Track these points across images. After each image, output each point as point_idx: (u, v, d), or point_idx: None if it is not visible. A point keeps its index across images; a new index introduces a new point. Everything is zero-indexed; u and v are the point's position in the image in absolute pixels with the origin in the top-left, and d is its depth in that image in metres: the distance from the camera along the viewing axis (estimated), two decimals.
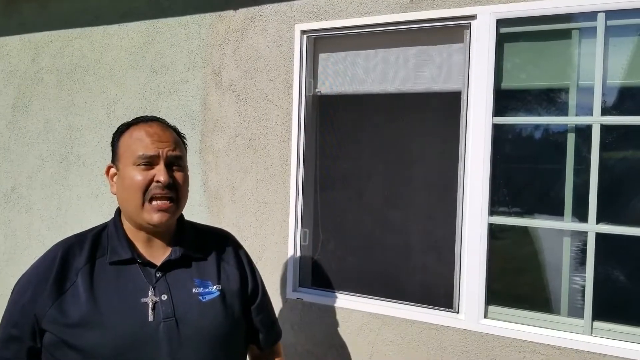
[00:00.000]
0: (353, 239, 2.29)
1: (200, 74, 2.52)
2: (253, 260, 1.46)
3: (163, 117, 2.56)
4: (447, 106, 2.09)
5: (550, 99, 1.97)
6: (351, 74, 2.28)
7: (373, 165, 2.25)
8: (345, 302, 2.19)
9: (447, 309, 2.02)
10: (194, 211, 2.51)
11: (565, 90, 1.93)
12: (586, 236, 1.86)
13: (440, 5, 2.03)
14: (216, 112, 2.48)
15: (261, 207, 2.37)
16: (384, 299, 2.14)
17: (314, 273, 2.35)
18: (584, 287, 1.87)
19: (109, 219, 1.31)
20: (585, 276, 1.86)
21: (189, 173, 1.32)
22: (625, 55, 1.84)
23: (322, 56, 2.33)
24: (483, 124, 1.96)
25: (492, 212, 1.97)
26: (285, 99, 2.32)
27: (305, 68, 2.28)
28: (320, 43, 2.33)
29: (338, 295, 2.22)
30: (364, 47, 2.25)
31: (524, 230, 2.00)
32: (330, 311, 2.22)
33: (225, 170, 2.46)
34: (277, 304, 2.32)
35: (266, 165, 2.36)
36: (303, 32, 2.28)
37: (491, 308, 1.99)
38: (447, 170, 2.08)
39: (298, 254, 2.29)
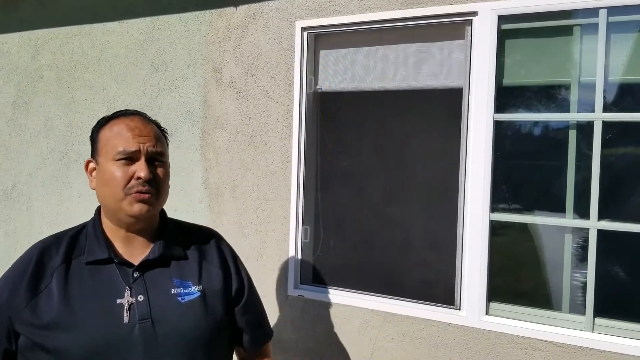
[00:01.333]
0: (354, 236, 2.29)
1: (201, 71, 2.51)
2: (240, 258, 1.40)
3: (164, 115, 2.55)
4: (448, 103, 2.09)
5: (552, 95, 1.96)
6: (352, 71, 2.27)
7: (374, 162, 2.25)
8: (347, 299, 2.19)
9: (449, 306, 2.03)
10: (195, 208, 2.51)
11: (567, 87, 1.93)
12: (587, 233, 1.86)
13: (442, 1, 2.02)
14: (217, 109, 2.48)
15: (262, 204, 2.37)
16: (386, 296, 2.14)
17: (315, 270, 2.36)
18: (585, 283, 1.87)
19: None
20: (586, 273, 1.86)
21: (190, 170, 1.29)
22: (627, 51, 1.83)
23: (322, 53, 2.32)
24: (484, 121, 1.96)
25: (493, 209, 1.97)
26: (286, 96, 2.31)
27: (306, 65, 2.28)
28: (321, 40, 2.32)
29: (339, 292, 2.23)
30: (365, 44, 2.24)
31: (525, 227, 2.00)
32: (332, 308, 2.22)
33: (226, 168, 2.46)
34: (278, 301, 2.32)
35: (267, 162, 2.36)
36: (304, 28, 2.27)
37: (492, 305, 1.99)
38: (448, 167, 2.08)
39: (299, 251, 2.29)
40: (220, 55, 2.47)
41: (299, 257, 2.30)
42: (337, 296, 2.21)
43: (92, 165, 1.23)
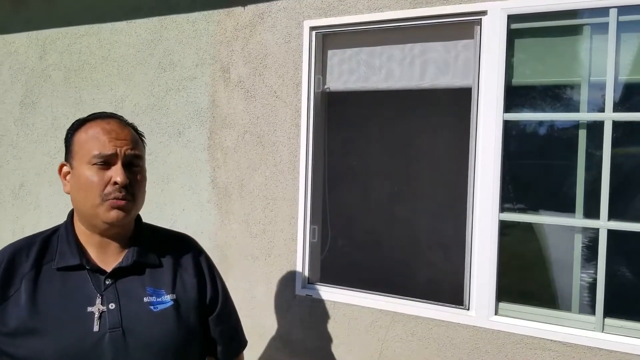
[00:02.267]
0: (362, 236, 2.29)
1: (209, 71, 2.52)
2: (216, 267, 1.37)
3: (172, 114, 2.56)
4: (457, 102, 2.08)
5: (561, 95, 1.96)
6: (360, 71, 2.27)
7: (382, 162, 2.25)
8: (355, 298, 2.19)
9: (458, 306, 2.02)
10: (203, 208, 2.52)
11: (576, 87, 1.92)
12: (597, 233, 1.85)
13: (451, 1, 2.02)
14: (225, 108, 2.48)
15: (270, 204, 2.37)
16: (394, 295, 2.14)
17: (323, 270, 2.35)
18: (595, 283, 1.86)
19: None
20: (596, 273, 1.85)
21: (198, 170, 1.26)
22: (637, 51, 1.83)
23: (331, 52, 2.32)
24: (494, 120, 1.95)
25: (502, 209, 1.97)
26: (294, 96, 2.31)
27: (314, 64, 2.28)
28: (329, 39, 2.32)
29: (347, 292, 2.22)
30: (374, 44, 2.24)
31: (535, 227, 2.00)
32: (340, 308, 2.22)
33: (233, 167, 2.46)
34: (286, 301, 2.33)
35: (275, 161, 2.36)
36: (312, 28, 2.27)
37: (502, 305, 1.98)
38: (457, 167, 2.07)
39: (307, 251, 2.29)
40: (228, 55, 2.47)
41: (307, 256, 2.30)
42: (345, 296, 2.21)
43: (65, 168, 1.20)
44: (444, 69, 2.12)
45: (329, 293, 2.25)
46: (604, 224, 1.84)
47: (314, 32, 2.28)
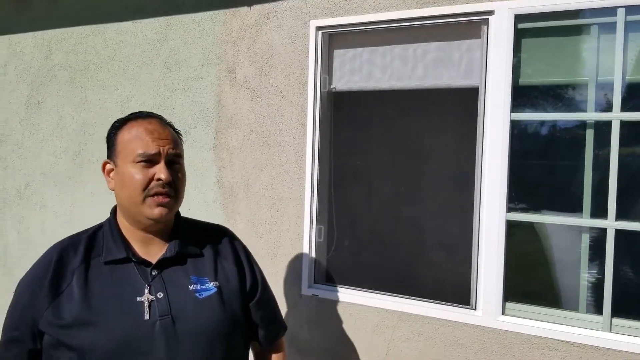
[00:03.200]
0: (368, 235, 2.29)
1: (215, 71, 2.52)
2: (253, 255, 1.43)
3: (177, 114, 2.56)
4: (464, 102, 2.08)
5: (568, 94, 1.96)
6: (366, 70, 2.27)
7: (388, 162, 2.25)
8: (361, 298, 2.19)
9: (464, 306, 2.02)
10: (209, 208, 2.52)
11: (584, 86, 1.92)
12: (605, 232, 1.85)
13: (458, 0, 2.02)
14: (230, 108, 2.48)
15: (276, 204, 2.37)
16: (400, 295, 2.14)
17: (329, 269, 2.36)
18: (602, 283, 1.86)
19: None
20: (603, 272, 1.85)
21: (204, 170, 1.31)
22: None
23: (337, 52, 2.32)
24: (501, 120, 1.95)
25: (509, 209, 1.97)
26: (300, 96, 2.31)
27: (320, 64, 2.28)
28: (335, 39, 2.32)
29: (354, 291, 2.23)
30: (380, 43, 2.24)
31: (542, 226, 2.00)
32: (346, 307, 2.22)
33: (239, 167, 2.46)
34: (292, 301, 2.33)
35: (281, 161, 2.36)
36: (318, 28, 2.27)
37: (509, 305, 1.98)
38: (464, 167, 2.07)
39: (313, 251, 2.30)
40: (234, 55, 2.47)
41: (313, 256, 2.30)
42: (352, 295, 2.21)
43: (109, 166, 1.25)
44: (451, 68, 2.12)
45: (335, 293, 2.25)
46: (611, 223, 1.84)
47: (320, 32, 2.28)
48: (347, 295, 2.22)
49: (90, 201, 2.85)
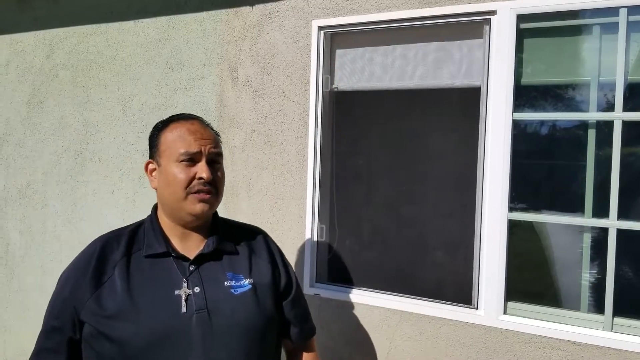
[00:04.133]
0: (370, 235, 2.29)
1: (217, 71, 2.52)
2: (285, 256, 1.47)
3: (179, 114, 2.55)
4: (466, 102, 2.08)
5: (570, 94, 1.96)
6: (368, 70, 2.27)
7: (390, 162, 2.25)
8: (363, 297, 2.20)
9: (466, 305, 2.03)
10: None
11: (586, 86, 1.93)
12: (607, 232, 1.85)
13: (460, 0, 2.02)
14: (232, 108, 2.49)
15: (278, 203, 2.38)
16: (402, 294, 2.14)
17: (331, 269, 2.36)
18: (604, 283, 1.86)
19: (124, 215, 1.35)
20: (605, 272, 1.85)
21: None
22: None
23: (339, 52, 2.33)
24: (503, 120, 1.96)
25: (511, 209, 1.97)
26: (302, 95, 2.32)
27: (322, 64, 2.28)
28: (338, 39, 2.32)
29: (356, 291, 2.23)
30: (382, 43, 2.24)
31: (543, 226, 2.00)
32: (348, 307, 2.23)
33: (241, 166, 2.47)
34: None
35: (283, 161, 2.36)
36: (320, 28, 2.28)
37: (510, 304, 1.99)
38: (466, 167, 2.08)
39: (315, 250, 2.30)
40: (236, 55, 2.47)
41: (315, 255, 2.30)
42: (354, 295, 2.22)
43: (151, 166, 1.31)
44: (453, 68, 2.12)
45: (337, 292, 2.26)
46: (613, 223, 1.84)
47: (322, 32, 2.28)
48: (349, 294, 2.23)
49: (92, 200, 2.86)
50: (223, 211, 2.49)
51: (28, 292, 3.06)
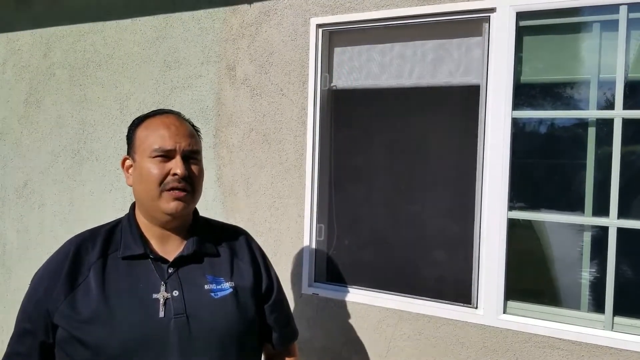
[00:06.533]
0: (369, 234, 2.28)
1: (214, 69, 2.51)
2: (268, 257, 1.43)
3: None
4: (466, 100, 2.07)
5: (570, 92, 1.95)
6: (367, 68, 2.26)
7: (389, 160, 2.24)
8: (362, 297, 2.18)
9: (466, 305, 2.01)
10: (209, 206, 2.51)
11: (586, 84, 1.91)
12: (607, 231, 1.84)
13: None
14: (230, 106, 2.47)
15: (276, 202, 2.36)
16: (401, 294, 2.13)
17: (329, 268, 2.35)
18: (604, 282, 1.85)
19: (122, 214, 1.31)
20: (605, 271, 1.84)
21: (204, 168, 1.32)
22: None
23: (337, 50, 2.31)
24: (502, 118, 1.94)
25: (511, 207, 1.96)
26: (300, 94, 2.30)
27: (321, 62, 2.27)
28: (336, 37, 2.31)
29: (354, 290, 2.22)
30: (381, 41, 2.23)
31: (543, 225, 1.99)
32: (347, 306, 2.21)
33: (239, 165, 2.45)
34: (292, 299, 2.32)
35: (281, 160, 2.35)
36: (318, 26, 2.26)
37: (510, 303, 1.98)
38: (466, 165, 2.06)
39: (313, 249, 2.29)
40: (234, 53, 2.46)
41: (313, 255, 2.29)
42: (352, 294, 2.21)
43: (128, 162, 1.26)
44: (452, 66, 2.11)
45: (335, 292, 2.24)
46: (613, 222, 1.83)
47: (320, 30, 2.27)
48: (347, 294, 2.22)
49: (89, 199, 2.84)
50: (221, 210, 2.48)
51: (25, 291, 3.04)
